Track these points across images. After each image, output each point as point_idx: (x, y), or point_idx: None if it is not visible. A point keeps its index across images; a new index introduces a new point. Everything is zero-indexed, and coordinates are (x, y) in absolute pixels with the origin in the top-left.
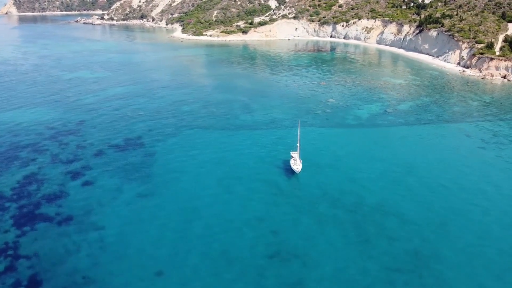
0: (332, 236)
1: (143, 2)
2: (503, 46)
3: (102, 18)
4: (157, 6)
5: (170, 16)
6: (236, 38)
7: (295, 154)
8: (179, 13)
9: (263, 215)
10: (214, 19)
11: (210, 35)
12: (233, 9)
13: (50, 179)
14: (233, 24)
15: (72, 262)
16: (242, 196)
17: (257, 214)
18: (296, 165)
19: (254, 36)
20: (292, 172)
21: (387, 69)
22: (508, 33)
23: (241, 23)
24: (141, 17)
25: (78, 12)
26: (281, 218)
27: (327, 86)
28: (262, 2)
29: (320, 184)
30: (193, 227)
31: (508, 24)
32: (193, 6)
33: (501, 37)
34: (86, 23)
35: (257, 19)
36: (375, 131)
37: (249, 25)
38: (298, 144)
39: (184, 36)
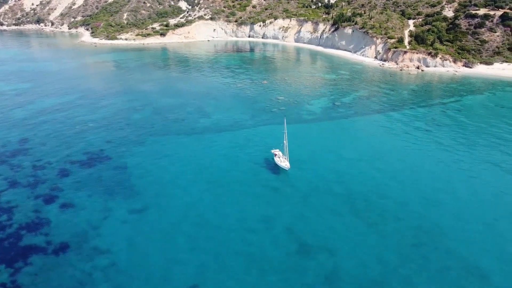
0: (343, 224)
1: (37, 5)
2: (411, 40)
3: None
4: (54, 9)
5: (73, 19)
6: (155, 41)
7: (278, 152)
8: (83, 16)
9: (270, 214)
10: (126, 21)
11: (126, 39)
12: (143, 11)
13: (20, 207)
14: (148, 27)
15: None
16: (240, 197)
17: (264, 213)
18: (284, 162)
19: (173, 39)
20: (277, 169)
21: (316, 65)
22: (411, 28)
23: (157, 26)
24: (38, 21)
25: None
26: (288, 215)
27: (270, 85)
28: (172, 3)
29: (308, 178)
30: (204, 233)
31: (409, 20)
32: (97, 8)
33: (406, 33)
34: None
35: (172, 21)
36: (334, 124)
37: (165, 27)
38: (285, 142)
39: (96, 40)
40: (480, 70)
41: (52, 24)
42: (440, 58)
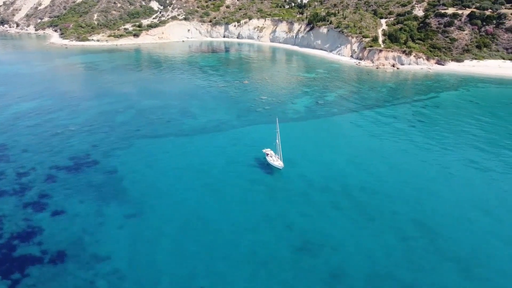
0: (342, 220)
1: (0, 6)
2: (385, 39)
3: None
4: (19, 9)
5: (39, 20)
6: (128, 42)
7: (270, 151)
8: (50, 17)
9: (269, 213)
10: (96, 22)
11: (98, 40)
12: (114, 12)
13: (8, 216)
14: (120, 28)
15: None
16: (237, 198)
17: (263, 213)
18: (277, 161)
19: (147, 39)
20: (270, 168)
21: (294, 65)
22: (384, 27)
23: (129, 26)
24: (1, 23)
25: None
26: (287, 213)
27: (251, 85)
28: (144, 3)
29: (302, 176)
30: (205, 235)
31: (381, 20)
32: (65, 9)
33: (380, 32)
34: None
35: (145, 22)
36: (320, 122)
37: (138, 28)
38: (278, 141)
39: (67, 42)
40: (452, 67)
41: (18, 25)
42: (414, 56)
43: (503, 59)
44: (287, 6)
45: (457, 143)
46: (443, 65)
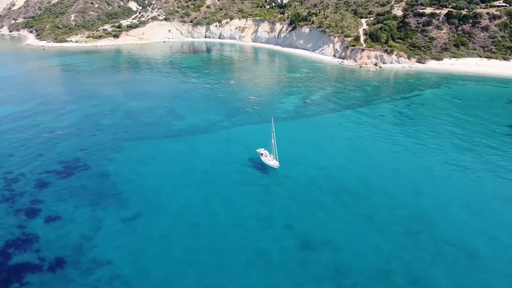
0: (341, 218)
1: None
2: (366, 39)
3: None
4: None
5: (13, 21)
6: (108, 43)
7: (264, 151)
8: (24, 18)
9: (269, 212)
10: (74, 23)
11: (76, 41)
12: (91, 12)
13: (1, 223)
14: (99, 28)
15: None
16: (234, 198)
17: (263, 212)
18: (272, 160)
19: (128, 40)
20: (264, 168)
21: (278, 65)
22: (365, 27)
23: (108, 27)
24: None
25: None
26: (286, 212)
27: (237, 85)
28: (122, 4)
29: (297, 175)
30: (205, 236)
31: (361, 19)
32: (40, 9)
33: (361, 31)
34: None
35: (124, 22)
36: (309, 121)
37: (118, 29)
38: (273, 140)
39: (44, 43)
40: (432, 65)
41: None
42: (396, 55)
43: (480, 57)
44: (267, 6)
45: (444, 142)
46: (423, 63)
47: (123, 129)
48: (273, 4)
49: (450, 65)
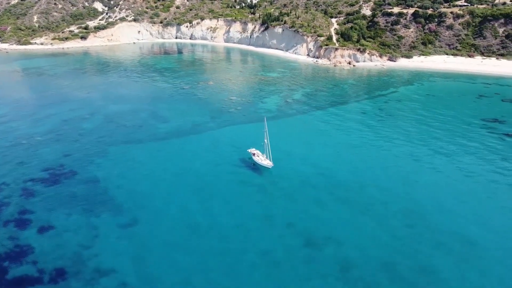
0: (339, 214)
1: None
2: (338, 38)
3: None
4: None
5: None
6: (75, 44)
7: (256, 151)
8: None
9: (268, 212)
10: (37, 25)
11: (42, 43)
12: (55, 13)
13: None
14: (65, 30)
15: None
16: (231, 199)
17: (262, 212)
18: (265, 160)
19: (96, 42)
20: (257, 168)
21: (253, 65)
22: (336, 27)
23: (74, 28)
24: None
25: None
26: (286, 211)
27: (216, 86)
28: (87, 5)
29: (291, 174)
30: (206, 237)
31: (332, 19)
32: None
33: (332, 30)
34: None
35: (91, 24)
36: (294, 120)
37: (85, 30)
38: (266, 140)
39: (6, 46)
40: (403, 63)
41: None
42: (368, 53)
43: (447, 54)
44: (237, 7)
45: (426, 135)
46: (394, 61)
47: (106, 133)
48: (243, 5)
49: (420, 62)
